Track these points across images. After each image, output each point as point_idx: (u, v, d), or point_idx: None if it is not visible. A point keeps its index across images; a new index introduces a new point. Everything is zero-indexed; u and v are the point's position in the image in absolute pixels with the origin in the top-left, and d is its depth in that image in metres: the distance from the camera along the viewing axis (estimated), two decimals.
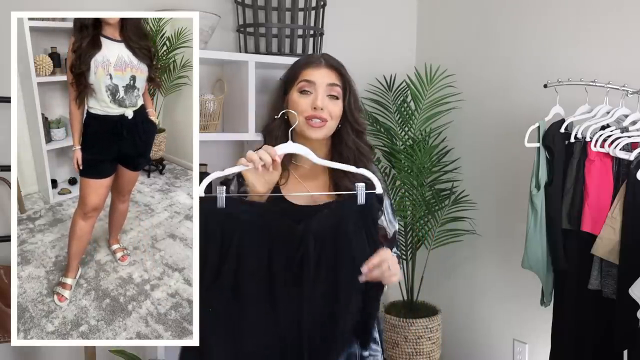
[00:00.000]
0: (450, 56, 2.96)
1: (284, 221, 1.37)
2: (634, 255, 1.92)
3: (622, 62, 2.28)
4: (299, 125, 1.49)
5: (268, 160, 1.36)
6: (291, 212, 1.41)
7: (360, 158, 1.53)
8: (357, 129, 1.54)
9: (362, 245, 1.37)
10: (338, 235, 1.36)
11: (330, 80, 1.50)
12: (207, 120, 2.50)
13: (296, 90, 1.50)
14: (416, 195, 2.78)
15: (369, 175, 1.40)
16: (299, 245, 1.34)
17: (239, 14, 2.61)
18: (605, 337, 2.04)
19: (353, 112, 1.52)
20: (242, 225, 1.35)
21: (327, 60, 1.53)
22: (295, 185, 1.54)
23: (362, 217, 1.38)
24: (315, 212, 1.38)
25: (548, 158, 2.16)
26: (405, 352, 2.75)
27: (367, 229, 1.38)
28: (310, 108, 1.47)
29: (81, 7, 2.35)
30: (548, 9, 2.56)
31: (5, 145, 1.81)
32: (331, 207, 1.39)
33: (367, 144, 1.57)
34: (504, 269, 2.78)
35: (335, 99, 1.50)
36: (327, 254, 1.35)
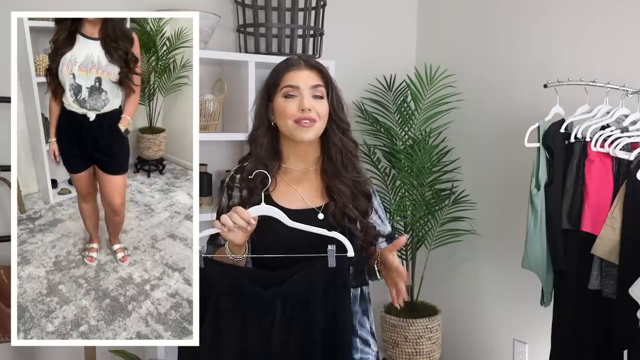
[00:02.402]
0: (450, 56, 2.96)
1: (252, 288, 1.39)
2: (634, 255, 1.92)
3: (622, 62, 2.28)
4: (287, 129, 1.49)
5: (242, 224, 1.36)
6: (260, 278, 1.42)
7: (347, 156, 1.53)
8: (342, 127, 1.53)
9: (331, 309, 1.39)
10: (307, 301, 1.38)
11: (313, 82, 1.49)
12: (207, 120, 2.50)
13: (281, 95, 1.49)
14: (416, 195, 2.78)
15: (340, 239, 1.39)
16: (269, 311, 1.38)
17: (239, 14, 2.61)
18: (605, 337, 2.04)
19: (337, 111, 1.52)
20: (217, 287, 1.41)
21: (307, 62, 1.52)
22: (285, 190, 1.53)
23: (333, 279, 1.39)
24: (286, 278, 1.39)
25: (548, 158, 2.16)
26: (405, 352, 2.75)
27: (337, 291, 1.40)
28: (298, 111, 1.46)
29: (81, 7, 2.35)
30: (548, 9, 2.56)
31: (5, 145, 1.81)
32: (302, 271, 1.39)
33: (352, 140, 1.56)
34: (504, 269, 2.78)
35: (320, 98, 1.50)
36: (298, 318, 1.38)
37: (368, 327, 1.58)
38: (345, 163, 1.52)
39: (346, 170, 1.52)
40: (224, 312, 1.41)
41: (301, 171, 1.56)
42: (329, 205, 1.50)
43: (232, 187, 1.55)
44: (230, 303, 1.41)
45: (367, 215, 1.53)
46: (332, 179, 1.52)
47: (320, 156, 1.56)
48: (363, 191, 1.54)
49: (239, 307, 1.40)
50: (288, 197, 1.52)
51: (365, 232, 1.50)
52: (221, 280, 1.41)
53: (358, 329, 1.55)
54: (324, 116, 1.50)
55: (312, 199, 1.53)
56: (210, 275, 1.42)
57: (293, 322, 1.38)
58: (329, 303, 1.39)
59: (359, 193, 1.53)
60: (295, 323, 1.38)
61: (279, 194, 1.52)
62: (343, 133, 1.53)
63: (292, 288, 1.39)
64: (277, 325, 1.38)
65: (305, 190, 1.54)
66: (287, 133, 1.50)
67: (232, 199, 1.55)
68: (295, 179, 1.55)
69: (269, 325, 1.38)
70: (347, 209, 1.49)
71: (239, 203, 1.49)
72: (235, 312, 1.40)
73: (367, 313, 1.58)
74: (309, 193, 1.53)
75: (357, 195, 1.52)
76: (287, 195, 1.52)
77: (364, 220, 1.51)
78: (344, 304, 1.41)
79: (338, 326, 1.39)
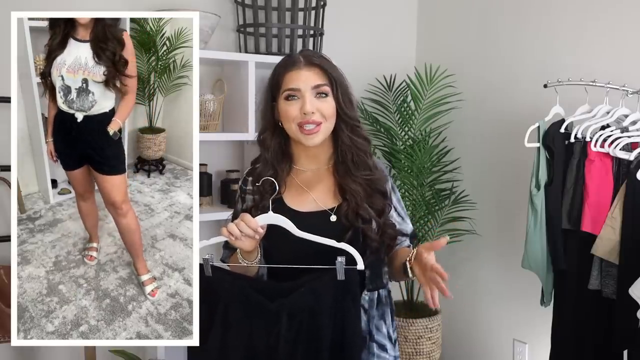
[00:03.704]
0: (450, 56, 2.96)
1: (259, 300, 1.37)
2: (634, 255, 1.92)
3: (622, 62, 2.28)
4: (293, 133, 1.45)
5: (249, 232, 1.33)
6: (268, 289, 1.40)
7: (358, 154, 1.47)
8: (350, 124, 1.47)
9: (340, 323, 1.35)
10: (314, 314, 1.35)
11: (315, 82, 1.43)
12: (207, 120, 2.50)
13: (283, 98, 1.44)
14: (416, 195, 2.78)
15: (350, 251, 1.35)
16: (274, 323, 1.36)
17: (239, 14, 2.61)
18: (605, 337, 2.04)
19: (343, 107, 1.46)
20: (226, 297, 1.40)
21: (308, 59, 1.45)
22: (297, 192, 1.49)
23: (341, 293, 1.35)
24: (293, 290, 1.37)
25: (548, 158, 2.16)
26: (405, 352, 2.75)
27: (346, 305, 1.35)
28: (300, 114, 1.41)
29: (80, 7, 2.35)
30: (548, 9, 2.56)
31: (5, 145, 1.81)
32: (309, 283, 1.36)
33: (363, 137, 1.49)
34: (504, 269, 2.78)
35: (325, 97, 1.43)
36: (304, 331, 1.35)
37: (385, 331, 1.52)
38: (356, 161, 1.46)
39: (357, 168, 1.46)
40: (232, 321, 1.39)
41: (313, 171, 1.51)
42: (342, 206, 1.44)
43: (245, 190, 1.52)
44: (238, 313, 1.38)
45: (384, 214, 1.47)
46: (344, 178, 1.46)
47: (332, 154, 1.51)
48: (378, 189, 1.48)
49: (246, 317, 1.38)
50: (299, 200, 1.48)
51: (381, 233, 1.45)
52: (230, 290, 1.39)
53: (375, 333, 1.50)
54: (330, 116, 1.44)
55: (325, 200, 1.48)
56: (219, 284, 1.40)
57: (299, 335, 1.35)
58: (337, 317, 1.35)
59: (374, 191, 1.47)
60: (301, 336, 1.35)
61: (291, 196, 1.48)
62: (352, 130, 1.47)
63: (299, 301, 1.35)
64: (282, 338, 1.35)
65: (317, 191, 1.49)
66: (294, 137, 1.46)
67: (245, 202, 1.52)
68: (307, 180, 1.51)
69: (275, 337, 1.35)
70: (360, 209, 1.43)
71: (252, 206, 1.47)
72: (242, 322, 1.38)
73: (384, 317, 1.53)
74: (322, 194, 1.49)
75: (371, 193, 1.46)
76: (299, 198, 1.48)
77: (380, 220, 1.45)
78: (352, 318, 1.36)
79: (346, 341, 1.35)
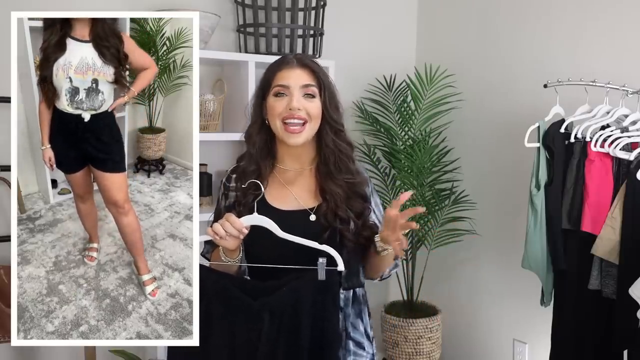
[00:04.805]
0: (450, 56, 2.96)
1: (241, 297, 1.40)
2: (634, 255, 1.92)
3: (622, 62, 2.28)
4: (277, 131, 1.49)
5: (234, 233, 1.37)
6: (251, 288, 1.43)
7: (340, 158, 1.51)
8: (335, 127, 1.51)
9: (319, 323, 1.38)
10: (294, 313, 1.38)
11: (304, 81, 1.48)
12: (207, 120, 2.50)
13: (272, 94, 1.49)
14: (416, 196, 2.78)
15: (331, 253, 1.38)
16: (257, 321, 1.39)
17: (239, 14, 2.61)
18: (605, 337, 2.04)
19: (329, 111, 1.50)
20: (209, 293, 1.42)
21: (300, 60, 1.51)
22: (278, 190, 1.53)
23: (321, 293, 1.38)
24: (275, 289, 1.40)
25: (548, 158, 2.16)
26: (405, 352, 2.75)
27: (326, 305, 1.39)
28: (287, 109, 1.45)
29: (80, 7, 2.35)
30: (548, 9, 2.56)
31: (5, 145, 1.81)
32: (291, 283, 1.39)
33: (347, 141, 1.54)
34: (504, 269, 2.78)
35: (312, 97, 1.48)
36: (286, 330, 1.38)
37: (362, 329, 1.56)
38: (338, 165, 1.51)
39: (339, 171, 1.51)
40: (213, 317, 1.41)
41: (296, 171, 1.55)
42: (321, 206, 1.49)
43: (229, 187, 1.56)
44: (220, 310, 1.41)
45: (362, 216, 1.51)
46: (326, 180, 1.51)
47: (316, 156, 1.55)
48: (358, 192, 1.52)
49: (228, 314, 1.41)
50: (281, 198, 1.52)
51: (358, 234, 1.49)
52: (213, 287, 1.42)
53: (351, 331, 1.54)
54: (316, 116, 1.48)
55: (306, 199, 1.52)
56: (203, 280, 1.42)
57: (280, 333, 1.38)
58: (317, 317, 1.38)
59: (354, 194, 1.51)
60: (282, 335, 1.38)
61: (272, 194, 1.52)
62: (336, 134, 1.51)
63: (280, 300, 1.39)
64: (264, 336, 1.38)
65: (299, 190, 1.53)
66: (278, 135, 1.49)
67: (228, 199, 1.55)
68: (289, 179, 1.55)
69: (257, 335, 1.39)
70: (339, 210, 1.47)
71: (234, 202, 1.50)
72: (224, 319, 1.41)
73: (361, 315, 1.56)
74: (303, 193, 1.53)
75: (351, 196, 1.51)
76: (280, 196, 1.52)
77: (359, 222, 1.50)
78: (331, 317, 1.39)
79: (325, 340, 1.38)
